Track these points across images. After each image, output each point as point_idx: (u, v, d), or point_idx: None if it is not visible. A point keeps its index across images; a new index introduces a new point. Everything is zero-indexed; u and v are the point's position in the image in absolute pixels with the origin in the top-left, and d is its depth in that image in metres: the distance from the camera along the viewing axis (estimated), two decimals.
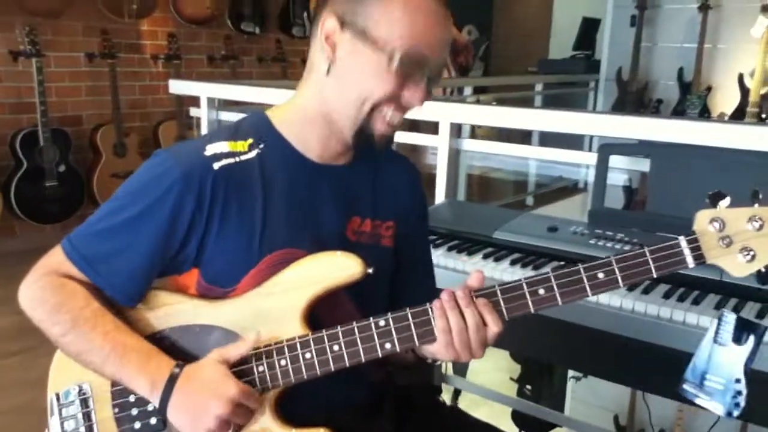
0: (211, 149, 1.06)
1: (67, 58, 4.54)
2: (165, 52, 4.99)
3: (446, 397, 2.66)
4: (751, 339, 1.05)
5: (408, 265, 1.23)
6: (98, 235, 1.07)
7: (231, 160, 1.06)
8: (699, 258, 0.97)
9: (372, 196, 1.03)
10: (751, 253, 0.96)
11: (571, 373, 2.82)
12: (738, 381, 1.07)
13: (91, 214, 1.08)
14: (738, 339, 1.07)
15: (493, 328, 0.99)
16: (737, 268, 0.97)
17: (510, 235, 1.75)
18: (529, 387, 3.01)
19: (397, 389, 1.21)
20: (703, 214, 0.98)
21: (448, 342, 1.00)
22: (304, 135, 1.09)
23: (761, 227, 0.95)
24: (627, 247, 1.60)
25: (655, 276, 0.98)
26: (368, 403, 1.17)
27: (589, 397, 2.78)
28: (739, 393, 1.07)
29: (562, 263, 1.61)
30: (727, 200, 0.98)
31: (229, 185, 1.05)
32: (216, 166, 1.04)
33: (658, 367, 1.32)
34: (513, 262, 1.64)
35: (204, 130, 2.87)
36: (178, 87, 3.06)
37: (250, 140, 1.09)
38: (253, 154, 1.08)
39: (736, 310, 1.36)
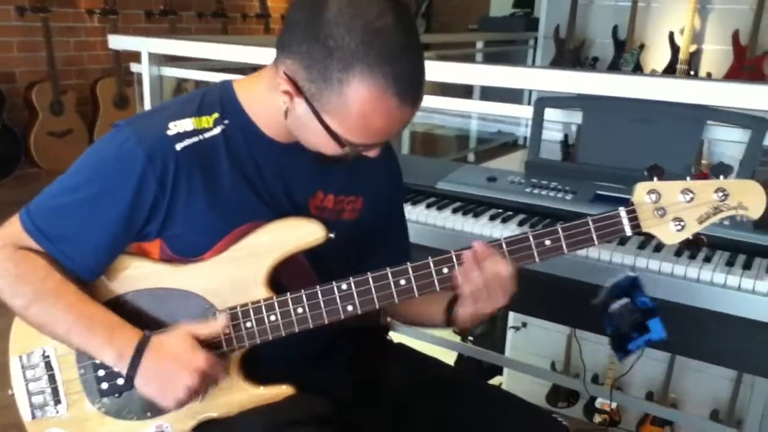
0: (174, 128, 1.05)
1: None
2: (101, 7, 4.84)
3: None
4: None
5: (381, 231, 1.28)
6: (58, 211, 1.06)
7: (195, 139, 1.05)
8: (636, 227, 1.04)
9: (337, 172, 1.04)
10: (681, 223, 1.04)
11: (510, 323, 2.95)
12: None
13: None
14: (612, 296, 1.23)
15: (503, 271, 1.04)
16: (669, 236, 1.05)
17: (452, 185, 1.83)
18: (471, 338, 3.13)
19: (348, 332, 1.27)
20: (642, 186, 1.04)
21: (472, 301, 1.07)
22: (266, 115, 1.07)
23: (692, 199, 1.03)
24: (560, 195, 1.70)
25: (596, 243, 1.05)
26: (325, 351, 1.23)
27: (527, 346, 2.92)
28: None
29: (500, 211, 1.71)
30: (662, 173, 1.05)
31: (193, 164, 1.04)
32: (179, 146, 1.04)
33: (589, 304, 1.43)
34: (454, 210, 1.73)
35: (146, 87, 2.82)
36: (118, 42, 2.97)
37: (216, 114, 1.08)
38: (218, 130, 1.07)
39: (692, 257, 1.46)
